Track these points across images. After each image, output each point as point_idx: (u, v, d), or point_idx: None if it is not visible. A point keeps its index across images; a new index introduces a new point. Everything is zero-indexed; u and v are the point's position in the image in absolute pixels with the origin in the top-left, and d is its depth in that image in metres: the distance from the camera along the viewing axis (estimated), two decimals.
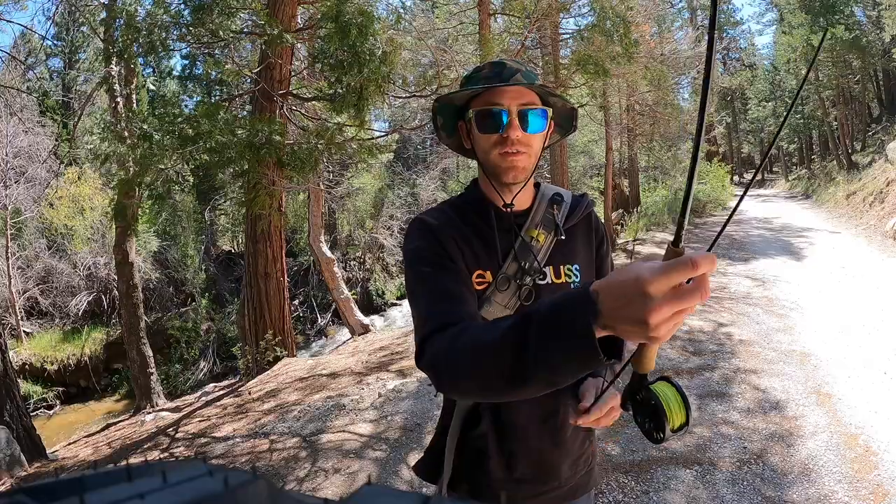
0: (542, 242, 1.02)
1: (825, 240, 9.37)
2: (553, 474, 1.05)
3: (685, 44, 15.78)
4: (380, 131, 6.35)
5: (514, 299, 0.98)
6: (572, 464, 1.07)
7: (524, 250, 1.00)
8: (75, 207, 12.16)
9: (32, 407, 9.47)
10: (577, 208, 1.08)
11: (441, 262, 0.94)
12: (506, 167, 0.97)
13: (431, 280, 0.92)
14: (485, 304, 0.97)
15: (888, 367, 3.80)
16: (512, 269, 0.99)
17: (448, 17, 9.37)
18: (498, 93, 0.95)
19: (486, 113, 0.95)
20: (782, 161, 27.04)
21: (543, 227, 1.04)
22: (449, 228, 0.98)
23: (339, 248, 15.35)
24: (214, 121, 4.46)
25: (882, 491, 2.45)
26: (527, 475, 1.03)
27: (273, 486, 0.25)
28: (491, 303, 0.97)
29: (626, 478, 2.75)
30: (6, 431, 3.95)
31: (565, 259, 1.04)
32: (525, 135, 0.95)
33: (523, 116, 0.95)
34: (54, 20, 9.72)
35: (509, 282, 0.98)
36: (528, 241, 1.01)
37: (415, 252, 0.96)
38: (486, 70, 0.99)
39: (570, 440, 1.05)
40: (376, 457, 3.17)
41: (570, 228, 1.06)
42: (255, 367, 6.07)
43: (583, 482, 1.11)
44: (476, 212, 1.02)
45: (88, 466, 0.40)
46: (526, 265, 0.99)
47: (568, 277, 1.03)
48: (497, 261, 0.99)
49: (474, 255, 0.98)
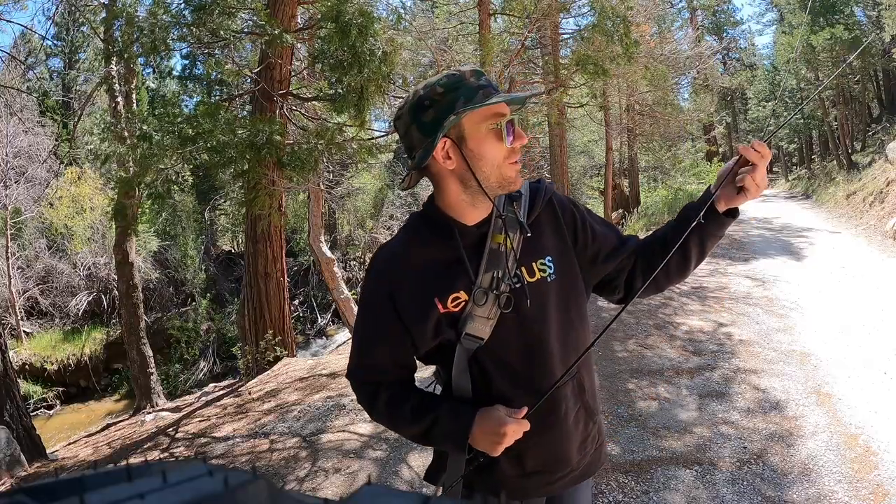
0: (510, 246, 1.01)
1: (825, 240, 9.37)
2: (564, 462, 1.07)
3: (685, 44, 15.78)
4: (380, 131, 6.35)
5: (494, 309, 0.99)
6: (580, 446, 1.09)
7: (494, 259, 1.00)
8: (75, 207, 12.16)
9: (32, 407, 9.47)
10: (537, 199, 1.06)
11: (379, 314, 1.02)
12: (515, 176, 0.97)
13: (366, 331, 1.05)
14: (467, 321, 0.98)
15: (888, 367, 3.80)
16: (486, 280, 0.99)
17: (448, 17, 9.38)
18: (501, 105, 0.95)
19: (503, 124, 0.94)
20: (782, 161, 27.05)
21: (508, 229, 1.02)
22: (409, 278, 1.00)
23: (339, 248, 15.36)
24: (215, 120, 4.46)
25: (882, 491, 2.45)
26: (538, 467, 1.06)
27: (273, 486, 0.25)
28: (473, 318, 0.98)
29: (626, 478, 2.75)
30: (6, 431, 3.95)
31: (535, 255, 1.03)
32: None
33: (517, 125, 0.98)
34: (54, 20, 9.73)
35: (486, 294, 0.99)
36: (496, 249, 1.01)
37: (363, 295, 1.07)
38: (472, 79, 0.94)
39: (573, 427, 1.07)
40: (376, 457, 3.17)
41: (535, 221, 1.05)
42: (255, 367, 6.07)
43: (595, 459, 1.14)
44: (438, 236, 1.01)
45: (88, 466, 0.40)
46: (499, 273, 0.99)
47: (542, 272, 1.03)
48: (470, 278, 0.99)
49: (444, 283, 0.99)
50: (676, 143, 17.40)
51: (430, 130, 0.92)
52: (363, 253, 15.73)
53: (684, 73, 14.91)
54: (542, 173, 13.37)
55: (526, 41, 7.57)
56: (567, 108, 9.14)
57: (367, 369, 1.07)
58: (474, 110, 0.92)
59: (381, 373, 1.06)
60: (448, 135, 0.94)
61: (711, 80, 19.15)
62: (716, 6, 26.33)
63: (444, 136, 0.93)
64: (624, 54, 6.19)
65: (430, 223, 1.03)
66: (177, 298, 13.43)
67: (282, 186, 5.77)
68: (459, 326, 0.99)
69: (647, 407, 3.51)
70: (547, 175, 11.65)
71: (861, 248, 8.28)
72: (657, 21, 13.23)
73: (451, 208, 1.01)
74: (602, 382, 3.91)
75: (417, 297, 0.99)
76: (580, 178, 17.19)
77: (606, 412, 3.47)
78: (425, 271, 1.00)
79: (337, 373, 5.03)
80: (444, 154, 0.95)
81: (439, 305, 0.98)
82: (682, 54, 13.98)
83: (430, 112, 0.92)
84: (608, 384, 3.87)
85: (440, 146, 0.94)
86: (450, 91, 0.92)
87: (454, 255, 1.00)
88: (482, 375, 1.02)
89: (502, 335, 1.00)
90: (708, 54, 16.54)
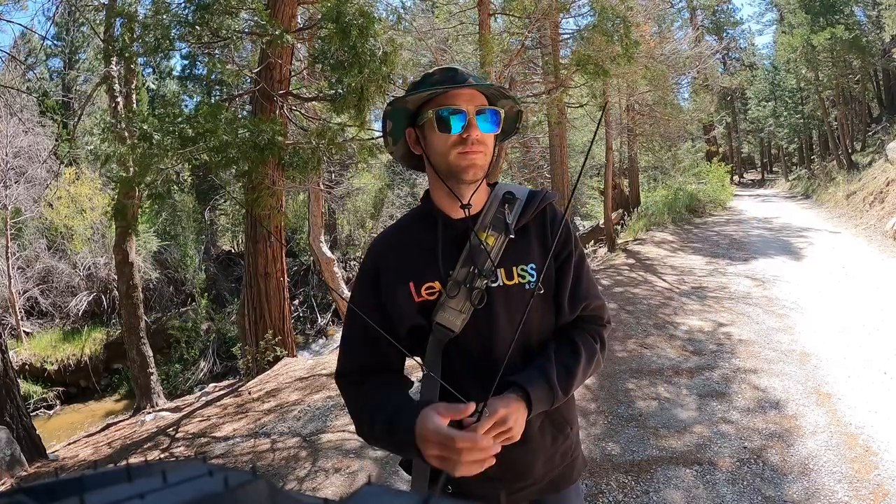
0: (493, 244, 1.02)
1: (825, 240, 9.37)
2: (525, 472, 1.05)
3: (685, 44, 15.76)
4: (380, 131, 6.34)
5: (466, 303, 1.00)
6: (546, 461, 1.07)
7: (474, 254, 1.01)
8: (75, 207, 12.16)
9: (32, 407, 9.48)
10: (531, 205, 1.07)
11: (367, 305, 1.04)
12: (466, 165, 0.99)
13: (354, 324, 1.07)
14: (439, 311, 1.00)
15: (888, 367, 3.80)
16: (462, 274, 1.01)
17: (448, 17, 9.37)
18: (455, 95, 0.99)
19: (446, 113, 0.97)
20: (782, 161, 27.03)
21: (493, 228, 1.04)
22: (392, 259, 1.05)
23: (339, 248, 15.36)
24: (216, 120, 4.46)
25: (882, 491, 2.45)
26: (496, 473, 0.99)
27: (273, 486, 0.25)
28: (445, 309, 1.00)
29: (626, 478, 2.75)
30: (6, 431, 3.95)
31: (518, 259, 1.04)
32: (482, 134, 0.99)
33: (479, 117, 0.99)
34: (54, 20, 9.72)
35: (459, 287, 1.00)
36: (477, 245, 1.02)
37: (354, 285, 1.11)
38: (438, 76, 1.01)
39: (538, 437, 1.05)
40: (376, 456, 3.17)
41: (524, 227, 1.06)
42: (255, 367, 6.07)
43: (565, 474, 1.11)
44: (424, 225, 1.06)
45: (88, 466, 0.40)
46: (475, 269, 1.00)
47: (521, 278, 1.03)
48: (442, 270, 1.02)
49: (420, 269, 1.02)
50: (676, 143, 17.38)
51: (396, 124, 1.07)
52: (363, 253, 15.73)
53: (684, 73, 14.88)
54: (541, 173, 13.37)
55: (526, 41, 7.56)
56: (567, 108, 9.13)
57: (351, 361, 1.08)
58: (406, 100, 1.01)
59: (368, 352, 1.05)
60: (416, 123, 1.04)
61: (711, 80, 19.12)
62: (716, 6, 26.30)
63: (413, 126, 1.04)
64: (624, 54, 6.18)
65: (420, 212, 1.10)
66: (177, 298, 13.44)
67: (283, 186, 5.77)
68: (432, 315, 1.01)
69: (647, 406, 3.51)
70: (547, 175, 11.65)
71: (861, 248, 8.28)
72: (657, 21, 13.22)
73: (436, 197, 1.06)
74: (602, 382, 3.91)
75: (396, 277, 1.03)
76: (580, 178, 17.15)
77: (606, 412, 3.47)
78: (406, 255, 1.04)
79: None
80: (413, 141, 1.05)
81: (413, 291, 1.01)
82: (682, 54, 13.96)
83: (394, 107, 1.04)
84: (608, 384, 3.87)
85: (411, 134, 1.05)
86: (413, 86, 1.02)
87: (433, 246, 1.03)
88: (451, 370, 1.02)
89: (473, 331, 1.01)
90: (708, 54, 16.52)
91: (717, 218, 13.78)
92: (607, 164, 10.85)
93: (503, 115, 1.04)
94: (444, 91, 0.98)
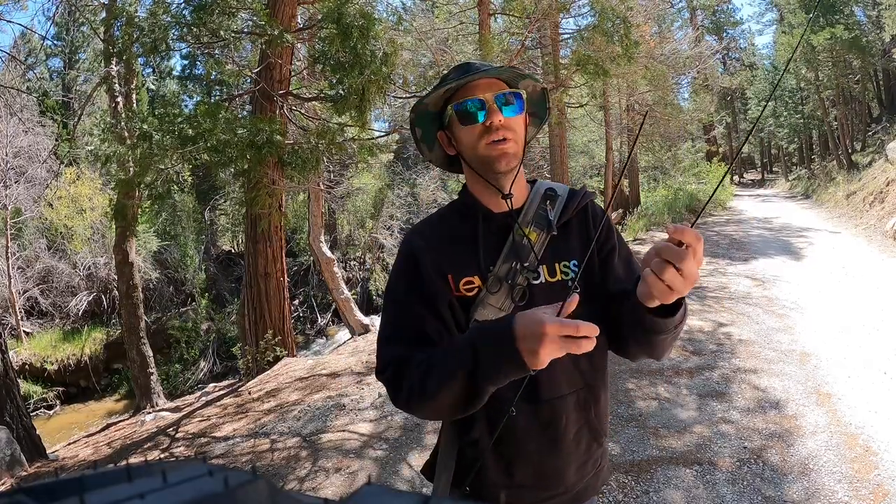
0: (535, 240, 1.00)
1: (825, 240, 9.37)
2: (557, 480, 1.01)
3: (685, 44, 15.77)
4: (380, 131, 6.34)
5: (507, 301, 0.96)
6: (578, 468, 1.03)
7: (516, 250, 0.98)
8: (75, 207, 12.16)
9: (32, 407, 9.47)
10: (572, 202, 1.05)
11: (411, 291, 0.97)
12: (496, 155, 0.96)
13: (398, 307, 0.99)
14: (478, 307, 0.96)
15: (888, 367, 3.80)
16: (503, 270, 0.97)
17: (448, 18, 9.37)
18: (472, 87, 0.97)
19: (465, 105, 0.96)
20: (782, 161, 27.03)
21: (535, 224, 1.02)
22: (430, 248, 0.99)
23: (339, 248, 15.35)
24: (215, 120, 4.46)
25: (882, 491, 2.45)
26: (527, 481, 0.99)
27: (273, 486, 0.25)
28: (484, 305, 0.96)
29: (626, 478, 2.75)
30: (6, 431, 3.95)
31: (560, 256, 1.01)
32: (506, 119, 0.96)
33: (500, 102, 0.96)
34: (54, 20, 9.72)
35: (501, 283, 0.96)
36: (520, 241, 0.99)
37: (393, 275, 1.04)
38: (453, 73, 1.01)
39: (573, 445, 1.01)
40: (376, 456, 3.17)
41: (565, 224, 1.04)
42: (255, 367, 6.07)
43: (591, 484, 1.07)
44: (463, 218, 1.03)
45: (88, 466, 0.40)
46: (517, 265, 0.97)
47: (564, 275, 1.01)
48: (482, 264, 0.98)
49: (461, 264, 0.98)
50: (676, 143, 17.39)
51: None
52: (363, 253, 15.72)
53: (684, 73, 14.89)
54: (542, 173, 13.36)
55: (526, 41, 7.56)
56: (567, 108, 9.13)
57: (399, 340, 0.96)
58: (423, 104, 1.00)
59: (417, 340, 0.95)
60: (443, 126, 1.03)
61: (711, 80, 19.14)
62: (716, 6, 26.32)
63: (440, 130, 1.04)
64: (624, 55, 6.19)
65: (459, 205, 1.06)
66: (177, 298, 13.43)
67: (282, 186, 5.77)
68: (470, 312, 0.96)
69: (647, 406, 3.51)
70: (547, 175, 11.64)
71: (861, 248, 8.28)
72: (657, 21, 13.23)
73: (476, 192, 1.04)
74: None
75: (433, 269, 0.97)
76: (580, 178, 17.16)
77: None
78: (445, 248, 1.00)
79: (337, 373, 5.04)
80: (447, 142, 1.04)
81: (452, 285, 0.97)
82: (682, 54, 13.97)
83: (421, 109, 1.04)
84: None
85: (443, 137, 1.04)
86: (434, 88, 1.00)
87: (473, 239, 1.00)
88: None
89: None
90: (708, 54, 16.52)
91: (717, 218, 13.78)
92: (607, 164, 10.87)
93: (525, 96, 1.01)
94: (459, 85, 0.96)
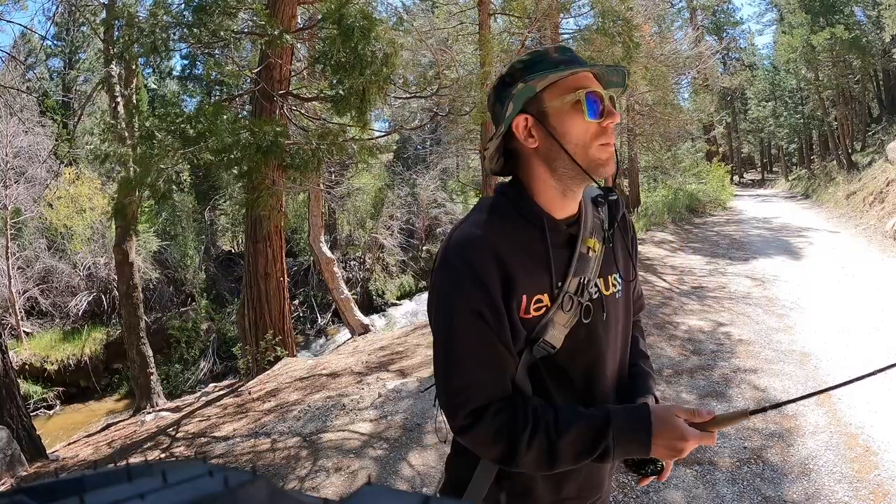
0: (597, 252, 0.94)
1: (825, 239, 9.37)
2: (598, 488, 1.04)
3: (685, 44, 15.78)
4: (380, 131, 6.35)
5: (572, 317, 0.90)
6: (610, 473, 1.08)
7: (582, 264, 0.92)
8: (75, 207, 12.16)
9: (32, 407, 9.47)
10: (614, 209, 0.99)
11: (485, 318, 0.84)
12: (606, 158, 0.88)
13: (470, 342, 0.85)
14: (547, 328, 0.88)
15: None
16: (573, 286, 0.91)
17: (448, 18, 9.37)
18: (586, 77, 0.88)
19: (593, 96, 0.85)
20: (782, 161, 27.03)
21: (595, 233, 0.95)
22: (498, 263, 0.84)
23: (339, 248, 15.35)
24: (217, 121, 4.46)
25: (882, 491, 2.45)
26: (573, 493, 1.00)
27: (273, 486, 0.25)
28: (553, 325, 0.89)
29: (626, 478, 2.75)
30: (6, 431, 3.95)
31: (610, 268, 0.97)
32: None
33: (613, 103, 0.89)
34: (54, 20, 9.73)
35: (572, 300, 0.90)
36: (585, 253, 0.93)
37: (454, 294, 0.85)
38: (555, 54, 0.88)
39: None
40: (377, 456, 3.17)
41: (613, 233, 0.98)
42: (255, 367, 6.07)
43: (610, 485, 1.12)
44: (530, 227, 0.90)
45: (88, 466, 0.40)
46: (586, 280, 0.92)
47: (615, 287, 0.97)
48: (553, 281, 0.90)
49: (531, 281, 0.87)
50: (676, 143, 17.39)
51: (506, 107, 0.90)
52: (363, 253, 15.72)
53: (684, 73, 14.90)
54: None
55: (526, 41, 7.56)
56: None
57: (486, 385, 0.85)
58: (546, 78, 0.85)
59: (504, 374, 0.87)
60: (529, 111, 0.88)
61: (711, 80, 19.15)
62: (716, 6, 26.32)
63: (525, 113, 0.88)
64: (625, 56, 6.19)
65: (518, 211, 0.91)
66: (177, 298, 13.42)
67: (283, 187, 5.77)
68: (536, 332, 0.88)
69: None
70: None
71: (861, 248, 8.28)
72: (657, 21, 13.23)
73: (540, 196, 0.91)
74: None
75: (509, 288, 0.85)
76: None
77: None
78: (515, 268, 0.86)
79: (337, 372, 5.04)
80: (526, 132, 0.88)
81: (523, 306, 0.87)
82: (682, 54, 13.98)
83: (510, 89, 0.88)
84: None
85: (521, 123, 0.88)
86: (529, 66, 0.88)
87: (541, 252, 0.89)
88: (538, 387, 0.92)
89: (571, 347, 0.91)
90: (708, 54, 16.53)
91: (717, 218, 13.79)
92: None
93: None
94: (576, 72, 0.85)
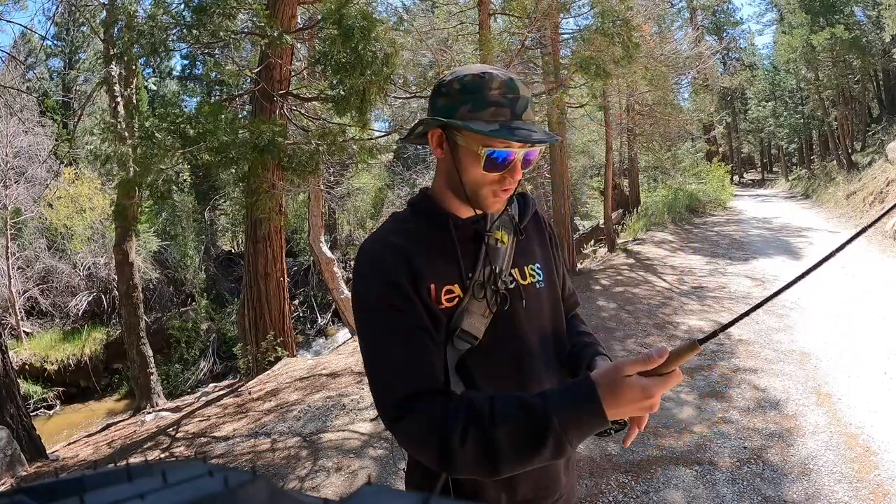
0: (507, 243, 1.00)
1: (825, 240, 9.37)
2: (555, 486, 1.02)
3: (685, 44, 15.78)
4: (380, 131, 6.35)
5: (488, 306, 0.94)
6: (566, 469, 1.05)
7: (492, 255, 0.97)
8: (74, 207, 12.15)
9: (32, 407, 9.47)
10: (526, 206, 1.07)
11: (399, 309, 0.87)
12: (493, 202, 0.93)
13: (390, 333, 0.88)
14: (463, 316, 0.91)
15: (888, 367, 3.80)
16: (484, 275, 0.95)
17: (448, 18, 9.36)
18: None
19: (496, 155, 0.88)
20: (782, 161, 27.03)
21: (503, 227, 1.01)
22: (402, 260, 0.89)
23: (339, 248, 15.36)
24: (217, 120, 4.46)
25: (882, 491, 2.46)
26: (528, 494, 0.98)
27: (273, 486, 0.25)
28: (469, 313, 0.92)
29: (626, 478, 2.75)
30: (6, 431, 3.95)
31: (527, 259, 1.03)
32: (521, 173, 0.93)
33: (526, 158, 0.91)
34: (54, 20, 9.73)
35: (485, 289, 0.93)
36: (494, 244, 0.98)
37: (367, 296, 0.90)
38: (497, 91, 0.88)
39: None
40: (377, 455, 3.17)
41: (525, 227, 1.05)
42: (255, 367, 6.07)
43: (572, 483, 1.09)
44: (432, 226, 0.95)
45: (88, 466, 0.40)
46: (497, 269, 0.96)
47: (532, 277, 1.02)
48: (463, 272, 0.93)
49: (438, 272, 0.92)
50: (676, 143, 17.38)
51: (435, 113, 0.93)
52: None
53: (684, 73, 14.89)
54: (541, 173, 13.36)
55: (526, 41, 7.55)
56: (567, 108, 9.13)
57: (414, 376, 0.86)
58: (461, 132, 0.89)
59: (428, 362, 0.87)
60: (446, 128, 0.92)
61: (711, 80, 19.14)
62: (716, 6, 26.31)
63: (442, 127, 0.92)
64: (625, 56, 6.18)
65: (421, 214, 0.98)
66: (177, 298, 13.42)
67: (282, 188, 5.77)
68: (453, 323, 0.91)
69: None
70: (546, 175, 11.63)
71: (861, 248, 8.28)
72: (657, 21, 13.22)
73: (444, 197, 0.97)
74: None
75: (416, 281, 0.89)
76: (580, 178, 17.17)
77: None
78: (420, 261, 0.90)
79: (337, 373, 5.04)
80: (437, 142, 0.94)
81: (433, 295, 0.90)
82: (682, 54, 13.97)
83: (441, 100, 0.92)
84: None
85: (436, 136, 0.93)
86: (465, 93, 0.89)
87: (447, 247, 0.94)
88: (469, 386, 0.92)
89: (494, 337, 0.93)
90: (708, 54, 16.51)
91: (716, 218, 13.79)
92: (607, 164, 10.84)
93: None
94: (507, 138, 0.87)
